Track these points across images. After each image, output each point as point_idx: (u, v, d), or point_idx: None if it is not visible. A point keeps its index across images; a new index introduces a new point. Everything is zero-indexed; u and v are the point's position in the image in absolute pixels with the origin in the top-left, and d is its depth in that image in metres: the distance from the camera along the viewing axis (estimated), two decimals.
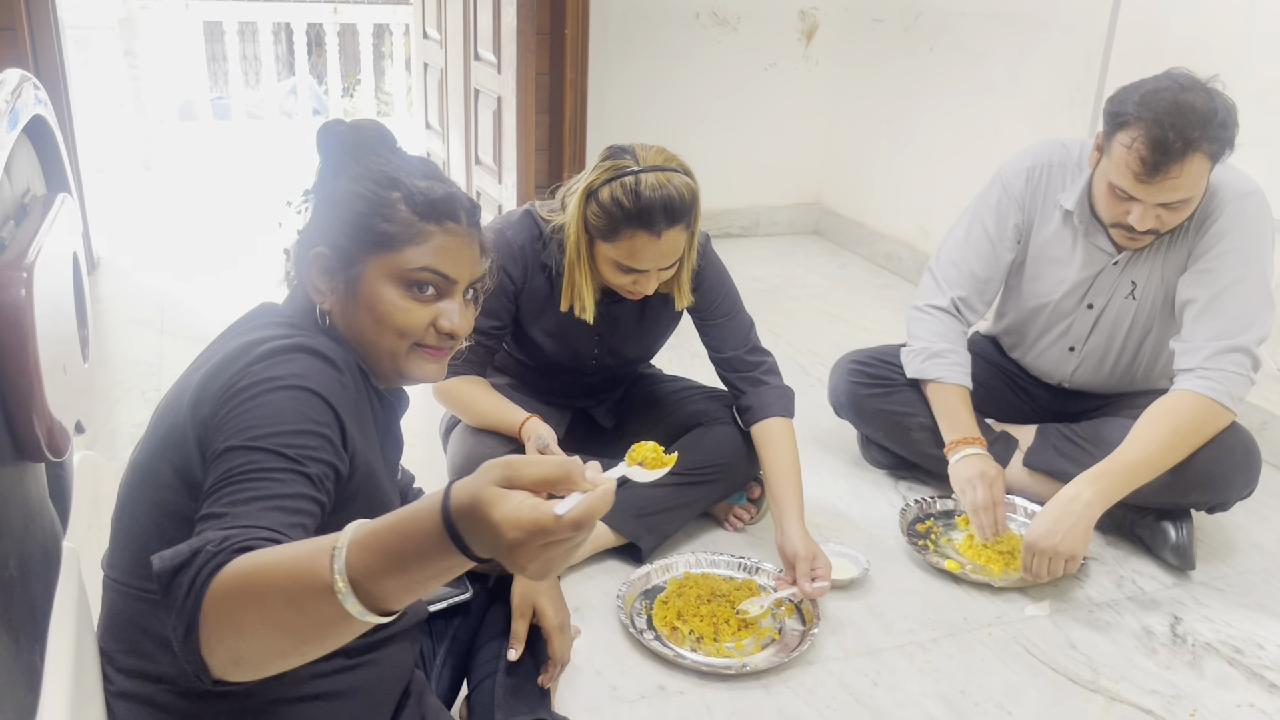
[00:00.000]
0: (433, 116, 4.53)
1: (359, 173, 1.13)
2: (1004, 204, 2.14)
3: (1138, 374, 2.19)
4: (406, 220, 1.12)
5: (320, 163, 1.17)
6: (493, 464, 0.74)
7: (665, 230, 1.74)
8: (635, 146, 1.78)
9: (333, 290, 1.14)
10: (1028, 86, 3.28)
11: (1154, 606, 1.95)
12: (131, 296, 3.37)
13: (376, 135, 1.17)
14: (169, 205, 4.70)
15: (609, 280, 1.85)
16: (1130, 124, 1.82)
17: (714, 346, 2.06)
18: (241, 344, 1.04)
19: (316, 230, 1.15)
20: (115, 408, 2.58)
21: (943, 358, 2.15)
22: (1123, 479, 1.88)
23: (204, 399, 1.00)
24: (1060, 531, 1.84)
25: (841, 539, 2.11)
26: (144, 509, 1.05)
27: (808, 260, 4.12)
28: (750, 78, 4.17)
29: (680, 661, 1.71)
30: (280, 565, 0.77)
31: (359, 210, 1.12)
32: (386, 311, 1.12)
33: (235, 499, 0.90)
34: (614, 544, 1.99)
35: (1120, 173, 1.86)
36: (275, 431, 0.95)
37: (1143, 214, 1.88)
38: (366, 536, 0.75)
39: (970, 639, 1.84)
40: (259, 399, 0.97)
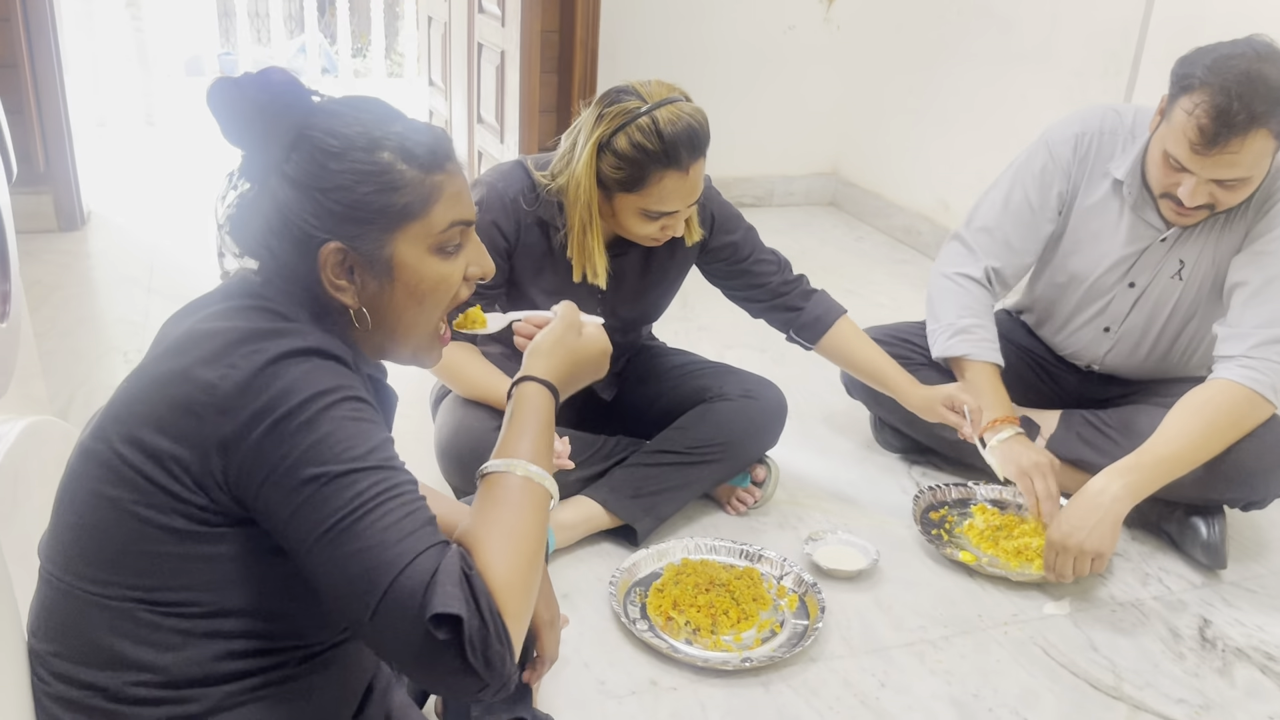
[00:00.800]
0: (435, 73, 4.39)
1: (321, 144, 0.98)
2: (1049, 171, 2.00)
3: (1174, 360, 2.06)
4: (416, 181, 0.99)
5: (237, 137, 1.00)
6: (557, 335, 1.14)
7: (691, 164, 1.68)
8: (634, 84, 1.69)
9: (362, 285, 1.01)
10: (1060, 55, 3.12)
11: (1181, 607, 1.84)
12: (121, 253, 3.27)
13: (292, 87, 1.00)
14: (168, 161, 4.59)
15: (633, 232, 1.76)
16: (1195, 89, 1.69)
17: (753, 285, 2.00)
18: (233, 334, 0.93)
19: (296, 221, 0.99)
20: (95, 368, 2.48)
21: (971, 334, 2.03)
22: (1154, 472, 1.76)
23: (215, 408, 0.90)
24: (1086, 528, 1.73)
25: (849, 527, 2.00)
26: (98, 505, 0.94)
27: (823, 232, 3.98)
28: (768, 41, 4.01)
29: (674, 655, 1.60)
30: (527, 530, 0.96)
31: (362, 191, 0.97)
32: (433, 285, 1.03)
33: (400, 524, 0.89)
34: (608, 525, 1.88)
35: (1177, 140, 1.73)
36: (372, 448, 0.91)
37: (1194, 188, 1.75)
38: (540, 451, 1.03)
39: (985, 638, 1.72)
40: (327, 421, 0.90)
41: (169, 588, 0.93)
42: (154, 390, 0.93)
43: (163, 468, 0.91)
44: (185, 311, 1.05)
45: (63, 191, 3.37)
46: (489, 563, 0.91)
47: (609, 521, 1.88)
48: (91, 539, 0.95)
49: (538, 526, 0.98)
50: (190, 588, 0.94)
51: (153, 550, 0.92)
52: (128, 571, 0.93)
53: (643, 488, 1.88)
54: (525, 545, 0.95)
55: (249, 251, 1.03)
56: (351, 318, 1.03)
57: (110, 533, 0.93)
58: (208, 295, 1.05)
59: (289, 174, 0.98)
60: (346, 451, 0.89)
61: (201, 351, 0.93)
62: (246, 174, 1.01)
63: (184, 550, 0.93)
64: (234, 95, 0.97)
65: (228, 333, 0.94)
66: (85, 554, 0.95)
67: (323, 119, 0.99)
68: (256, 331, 0.94)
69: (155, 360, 0.97)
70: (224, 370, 0.90)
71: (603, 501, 1.86)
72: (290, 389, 0.90)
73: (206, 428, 0.90)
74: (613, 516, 1.87)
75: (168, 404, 0.91)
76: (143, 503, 0.92)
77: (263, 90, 0.98)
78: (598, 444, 1.94)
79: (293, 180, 0.98)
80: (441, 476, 1.89)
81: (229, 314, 0.98)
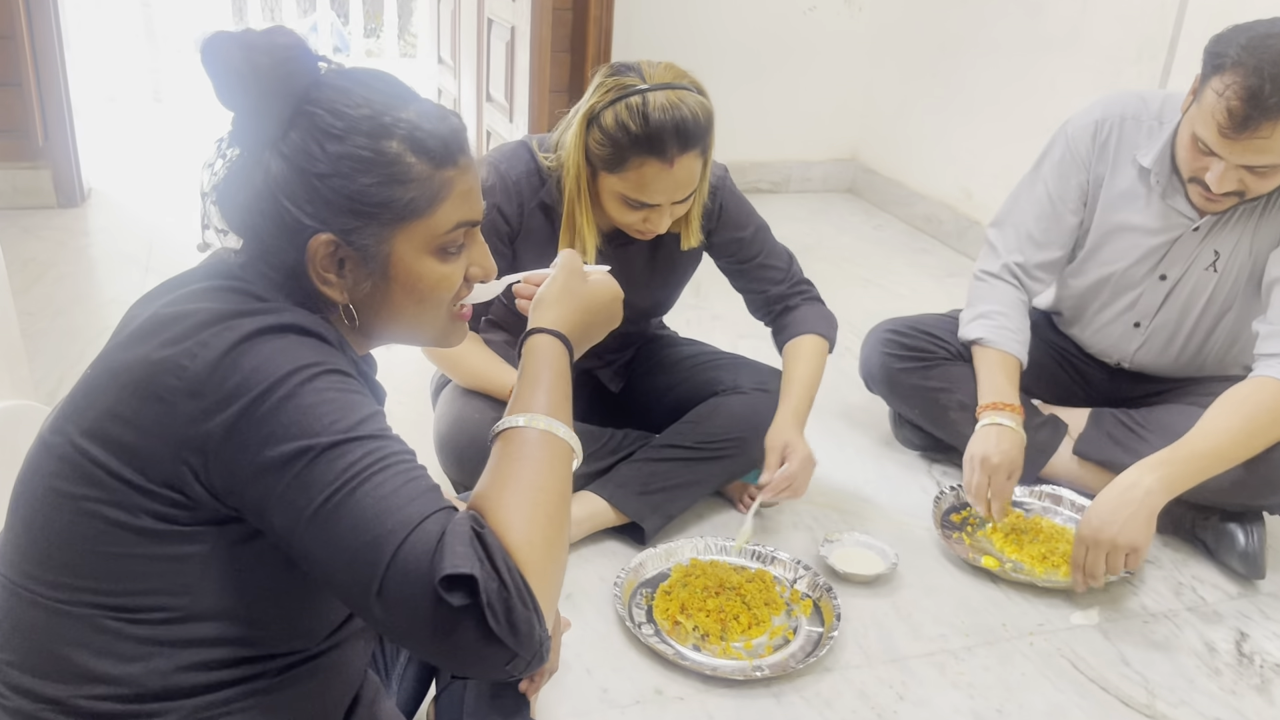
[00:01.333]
0: (445, 50, 4.30)
1: (322, 124, 0.89)
2: (1066, 162, 1.92)
3: (1209, 357, 1.96)
4: (424, 175, 0.91)
5: (231, 99, 0.90)
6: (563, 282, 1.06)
7: (678, 156, 1.55)
8: (641, 63, 1.58)
9: (353, 281, 0.93)
10: (1091, 39, 3.01)
11: (1217, 620, 1.74)
12: (120, 231, 3.19)
13: (297, 51, 0.90)
14: (174, 138, 4.52)
15: (616, 218, 1.65)
16: (1228, 69, 1.59)
17: (753, 289, 1.90)
18: (202, 315, 0.85)
19: (286, 205, 0.90)
20: (88, 349, 2.40)
21: (991, 319, 1.94)
22: (1189, 468, 1.67)
23: (184, 391, 0.82)
24: (1119, 521, 1.63)
25: (867, 528, 1.91)
26: (56, 504, 0.86)
27: (841, 220, 3.88)
28: (788, 23, 3.91)
29: (681, 662, 1.52)
30: (547, 485, 0.88)
31: (362, 182, 0.89)
32: (431, 286, 0.95)
33: (399, 491, 0.81)
34: (614, 523, 1.80)
35: (1206, 122, 1.64)
36: (361, 418, 0.84)
37: (1222, 174, 1.66)
38: (556, 404, 0.94)
39: (1009, 649, 1.64)
40: (309, 393, 0.83)
41: (135, 593, 0.86)
42: (116, 378, 0.86)
43: (128, 463, 0.83)
44: (154, 294, 0.97)
45: (62, 167, 3.29)
46: (504, 520, 0.83)
47: (615, 519, 1.79)
48: (49, 541, 0.87)
49: (560, 482, 0.90)
50: (158, 592, 0.86)
51: (117, 552, 0.85)
52: (89, 576, 0.86)
53: (651, 484, 1.80)
54: (546, 500, 0.87)
55: (233, 226, 0.95)
56: (340, 313, 0.95)
57: (70, 534, 0.86)
58: (180, 276, 0.97)
59: (284, 152, 0.89)
60: (334, 423, 0.82)
61: (168, 334, 0.85)
62: (237, 140, 0.92)
63: (152, 551, 0.85)
64: (232, 53, 0.88)
65: (196, 314, 0.86)
66: (41, 557, 0.87)
67: (327, 94, 0.90)
68: (228, 311, 0.86)
69: (118, 346, 0.89)
70: (192, 349, 0.83)
71: (609, 498, 1.78)
72: (266, 365, 0.82)
73: (176, 414, 0.82)
74: (619, 514, 1.79)
75: (132, 390, 0.84)
76: (106, 501, 0.84)
77: (265, 52, 0.88)
78: (605, 437, 1.86)
79: (288, 159, 0.89)
80: (440, 470, 1.81)
81: (199, 295, 0.90)
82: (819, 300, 1.93)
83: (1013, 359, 1.92)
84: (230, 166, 0.93)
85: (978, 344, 1.96)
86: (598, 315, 1.08)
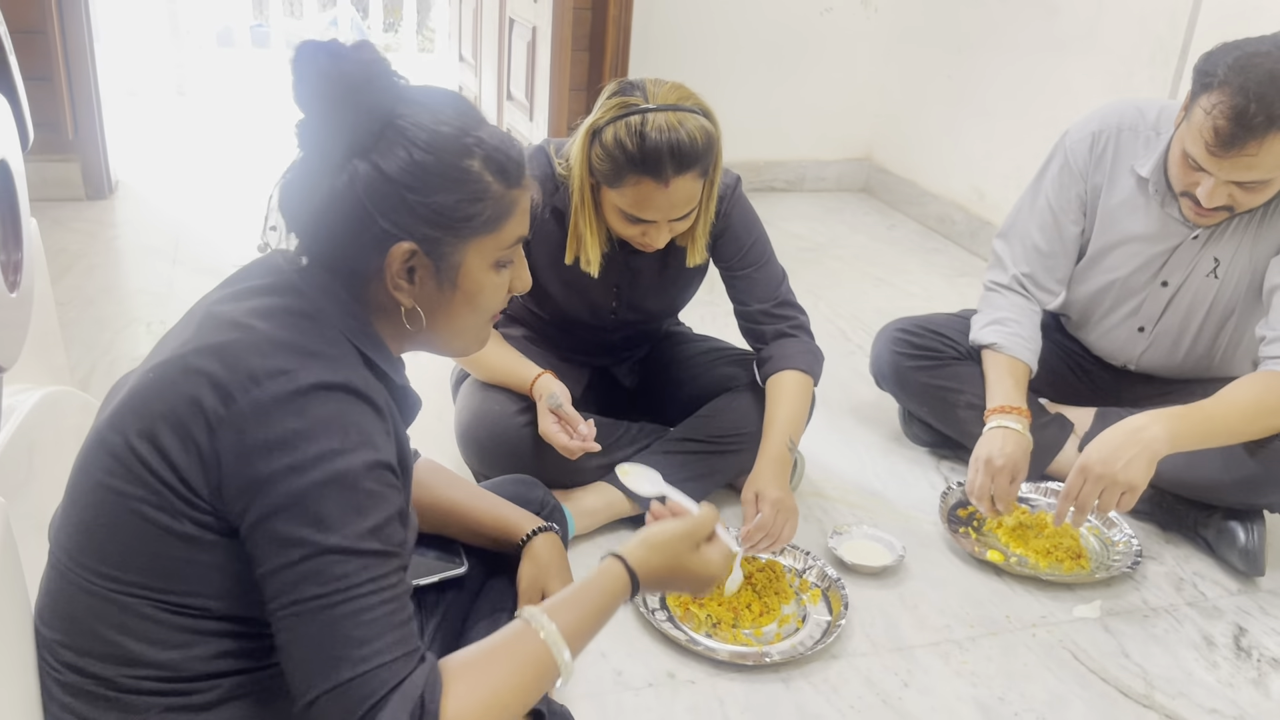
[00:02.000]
0: (466, 48, 4.36)
1: (413, 139, 0.93)
2: (1065, 173, 1.95)
3: (1214, 360, 1.99)
4: (498, 194, 0.98)
5: (318, 106, 0.93)
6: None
7: (674, 178, 1.58)
8: (647, 82, 1.61)
9: (420, 286, 0.98)
10: (1105, 42, 3.04)
11: (1216, 615, 1.78)
12: (146, 223, 3.26)
13: (383, 66, 0.95)
14: (198, 132, 4.58)
15: (616, 230, 1.70)
16: (1215, 87, 1.62)
17: (739, 299, 1.90)
18: (262, 344, 0.89)
19: (373, 213, 0.93)
20: (117, 338, 2.47)
21: (1005, 325, 1.97)
22: (1196, 430, 1.68)
23: (229, 422, 0.86)
24: (1123, 459, 1.64)
25: (875, 521, 1.95)
26: (109, 501, 0.90)
27: (854, 219, 3.92)
28: (804, 23, 3.94)
29: (693, 648, 1.57)
30: (516, 691, 0.91)
31: (450, 198, 0.94)
32: (489, 296, 1.02)
33: (377, 622, 0.85)
34: (628, 513, 1.85)
35: (1194, 140, 1.67)
36: (374, 526, 0.87)
37: (1212, 189, 1.69)
38: (580, 631, 0.97)
39: (1012, 640, 1.68)
40: (339, 483, 0.86)
41: (177, 590, 0.91)
42: (173, 385, 0.90)
43: (173, 470, 0.88)
44: (220, 288, 1.01)
45: (91, 160, 3.36)
46: (460, 704, 0.86)
47: (630, 509, 1.84)
48: (101, 534, 0.92)
49: (531, 695, 0.93)
50: (198, 592, 0.91)
51: (162, 551, 0.90)
52: (135, 570, 0.91)
53: (665, 476, 1.84)
54: (510, 704, 0.90)
55: (297, 228, 0.99)
56: (402, 317, 1.00)
57: (119, 530, 0.90)
58: (244, 271, 1.02)
59: (376, 163, 0.93)
60: (348, 525, 0.85)
61: (228, 355, 0.89)
62: (312, 146, 0.96)
63: (192, 555, 0.90)
64: (324, 62, 0.92)
65: (252, 337, 0.90)
66: (93, 547, 0.92)
67: (412, 110, 0.95)
68: (284, 343, 0.90)
69: (181, 346, 0.93)
70: (245, 383, 0.87)
71: (623, 489, 1.83)
72: (310, 432, 0.86)
73: (216, 440, 0.87)
74: (633, 504, 1.83)
75: (185, 403, 0.88)
76: (153, 504, 0.89)
77: (355, 63, 0.93)
78: (620, 430, 1.90)
79: (379, 170, 0.93)
80: (461, 460, 1.86)
81: (262, 313, 0.93)
82: (806, 331, 1.90)
83: (1022, 365, 1.95)
84: (299, 170, 0.97)
85: (989, 349, 1.98)
86: (680, 582, 1.13)
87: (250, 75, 5.88)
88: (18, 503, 1.14)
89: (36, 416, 1.31)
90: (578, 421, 1.72)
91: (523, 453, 1.77)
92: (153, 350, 1.00)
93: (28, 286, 0.97)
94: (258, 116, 4.92)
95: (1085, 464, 1.66)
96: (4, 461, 1.17)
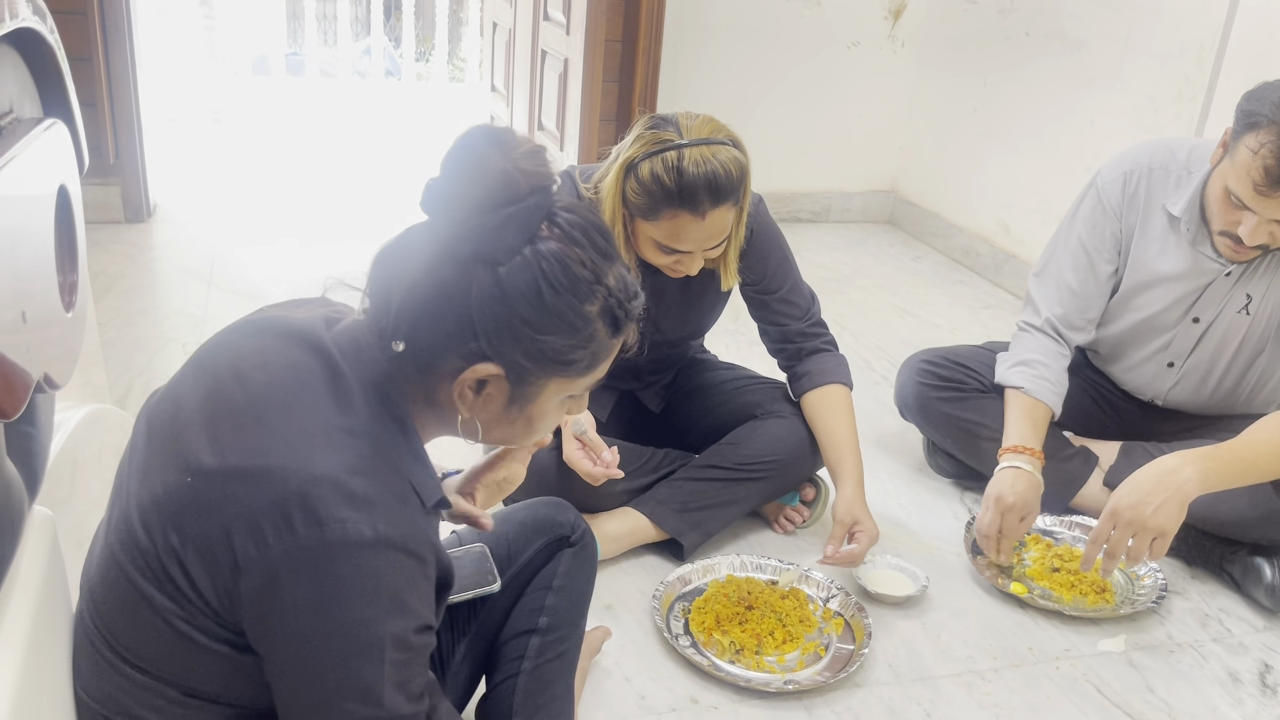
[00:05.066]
0: (499, 79, 4.42)
1: (547, 274, 0.88)
2: (1098, 213, 1.96)
3: (1241, 396, 2.00)
4: (601, 343, 0.95)
5: (461, 190, 0.87)
6: None
7: (710, 210, 1.61)
8: (679, 116, 1.64)
9: (484, 403, 0.95)
10: (1131, 78, 3.06)
11: (1242, 651, 1.77)
12: (184, 246, 3.32)
13: (546, 186, 0.90)
14: (234, 158, 4.66)
15: (650, 260, 1.73)
16: (1262, 126, 1.63)
17: (770, 321, 1.93)
18: (297, 471, 0.86)
19: (475, 325, 0.89)
20: (154, 358, 2.52)
21: (1032, 367, 1.97)
22: (1227, 470, 1.66)
23: (259, 570, 0.85)
24: (1154, 503, 1.61)
25: (899, 551, 1.96)
26: (137, 601, 0.90)
27: (879, 250, 3.93)
28: (831, 56, 3.98)
29: (716, 673, 1.58)
30: None
31: (559, 341, 0.91)
32: (548, 423, 1.01)
33: None
34: (654, 539, 1.87)
35: (1240, 179, 1.68)
36: (390, 691, 0.89)
37: (1255, 228, 1.70)
38: None
39: (1035, 672, 1.68)
40: (357, 656, 0.86)
41: (202, 691, 0.94)
42: (209, 512, 0.87)
43: (198, 593, 0.88)
44: (283, 330, 0.96)
45: (131, 184, 3.44)
46: None
47: (655, 535, 1.86)
48: (127, 627, 0.93)
49: None
50: (224, 691, 0.94)
51: (191, 658, 0.92)
52: (163, 667, 0.93)
53: (690, 502, 1.86)
54: None
55: (382, 296, 0.93)
56: (456, 420, 0.97)
57: (149, 632, 0.92)
58: (313, 320, 0.97)
59: (501, 280, 0.88)
60: (367, 695, 0.87)
61: (268, 487, 0.85)
62: (436, 211, 0.91)
63: (222, 667, 0.92)
64: (493, 157, 0.87)
65: (300, 470, 0.86)
66: (120, 634, 0.94)
67: (556, 243, 0.90)
68: (333, 485, 0.85)
69: (221, 451, 0.88)
70: (281, 529, 0.84)
71: (649, 514, 1.85)
72: (344, 596, 0.84)
73: (241, 581, 0.86)
74: (659, 530, 1.85)
75: (217, 534, 0.86)
76: (185, 619, 0.90)
77: (524, 175, 0.88)
78: (646, 455, 1.93)
79: (501, 289, 0.88)
80: None
81: (314, 422, 0.89)
82: (835, 346, 1.95)
83: (1044, 407, 1.94)
84: (417, 239, 0.92)
85: (1013, 389, 1.97)
86: None
87: (285, 102, 5.99)
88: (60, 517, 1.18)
89: (81, 434, 1.35)
90: (602, 448, 1.75)
91: (548, 476, 1.79)
92: (200, 358, 0.99)
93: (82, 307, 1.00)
94: (292, 143, 5.01)
95: (1115, 508, 1.64)
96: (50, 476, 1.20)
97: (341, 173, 4.43)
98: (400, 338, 0.91)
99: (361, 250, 0.95)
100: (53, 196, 0.91)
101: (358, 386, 0.92)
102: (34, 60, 0.96)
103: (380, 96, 6.50)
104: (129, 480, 0.95)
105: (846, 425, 1.86)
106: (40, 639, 0.90)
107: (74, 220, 0.96)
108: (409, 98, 6.57)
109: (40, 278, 0.88)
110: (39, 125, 0.88)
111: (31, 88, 0.94)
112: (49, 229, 0.91)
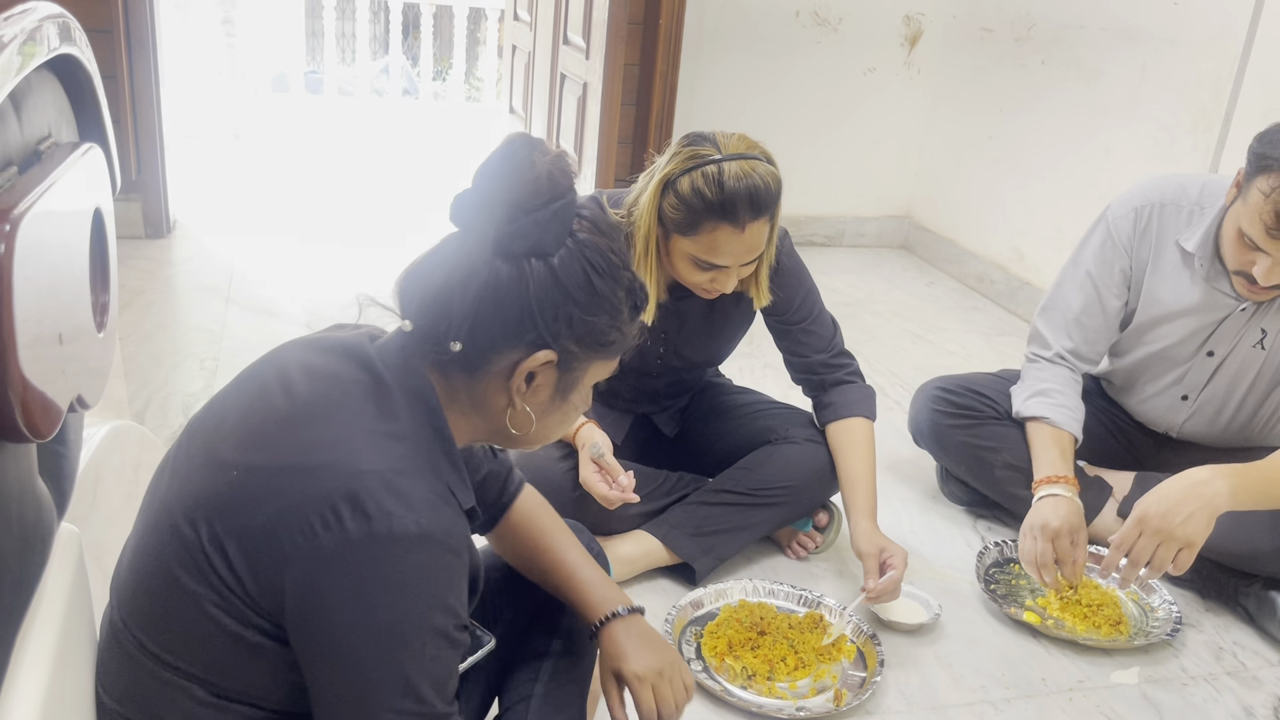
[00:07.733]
0: (517, 101, 4.47)
1: (590, 257, 0.97)
2: (1108, 247, 1.97)
3: (1256, 430, 1.99)
4: (628, 324, 1.03)
5: (506, 193, 0.93)
6: None
7: (750, 223, 1.63)
8: (716, 134, 1.67)
9: (533, 392, 1.00)
10: (1147, 108, 3.07)
11: (1256, 685, 1.77)
12: (203, 262, 3.35)
13: (573, 185, 0.98)
14: (253, 175, 4.71)
15: (684, 278, 1.74)
16: (1274, 169, 1.64)
17: (794, 351, 1.94)
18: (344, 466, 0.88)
19: (536, 316, 0.95)
20: (173, 374, 2.53)
21: (1049, 397, 1.97)
22: (1255, 489, 1.65)
23: (304, 561, 0.87)
24: (1183, 513, 1.59)
25: (911, 579, 1.95)
26: (178, 594, 0.92)
27: (893, 275, 3.94)
28: (847, 82, 4.01)
29: (728, 699, 1.58)
30: None
31: (604, 322, 0.99)
32: (581, 410, 1.06)
33: None
34: (667, 562, 1.87)
35: (1252, 221, 1.69)
36: (427, 689, 0.91)
37: (1269, 269, 1.71)
38: None
39: (1048, 703, 1.68)
40: (397, 649, 0.88)
41: (234, 688, 0.95)
42: (256, 504, 0.90)
43: (240, 582, 0.90)
44: (322, 349, 1.00)
45: (152, 200, 3.47)
46: None
47: (668, 558, 1.86)
48: (163, 620, 0.94)
49: None
50: (255, 688, 0.95)
51: (225, 651, 0.93)
52: (196, 662, 0.94)
53: (703, 526, 1.87)
54: None
55: (446, 310, 0.96)
56: (505, 418, 1.01)
57: (184, 624, 0.93)
58: (357, 336, 1.01)
59: (555, 270, 0.95)
60: (405, 692, 0.89)
61: (314, 482, 0.88)
62: (466, 222, 0.96)
63: (253, 658, 0.93)
64: (538, 159, 0.94)
65: (347, 465, 0.89)
66: (154, 629, 0.95)
67: (588, 235, 0.98)
68: (379, 479, 0.88)
69: (268, 450, 0.91)
70: (327, 516, 0.87)
71: (663, 538, 1.85)
72: (388, 588, 0.87)
73: (285, 572, 0.88)
74: (672, 554, 1.86)
75: (261, 526, 0.89)
76: (223, 608, 0.91)
77: (563, 173, 0.95)
78: (660, 479, 1.93)
79: (556, 278, 0.95)
80: None
81: (360, 427, 0.92)
82: (861, 376, 1.96)
83: (1068, 435, 1.94)
84: (452, 250, 0.96)
85: (1034, 420, 1.97)
86: None
87: (303, 120, 6.05)
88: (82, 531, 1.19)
89: (103, 449, 1.36)
90: (618, 472, 1.75)
91: (564, 498, 1.80)
92: (245, 373, 1.01)
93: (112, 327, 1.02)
94: (310, 160, 5.06)
95: (1143, 515, 1.62)
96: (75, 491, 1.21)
97: (358, 189, 4.46)
98: (459, 339, 0.96)
99: (378, 265, 0.99)
100: (89, 218, 0.93)
101: (400, 396, 0.96)
102: (70, 84, 0.98)
103: (397, 115, 6.56)
104: (169, 481, 0.97)
105: (864, 460, 1.87)
106: (67, 652, 0.91)
107: (107, 241, 0.98)
108: (426, 116, 6.63)
109: (76, 299, 0.90)
110: (76, 150, 0.90)
111: (69, 112, 0.96)
112: (84, 251, 0.93)
